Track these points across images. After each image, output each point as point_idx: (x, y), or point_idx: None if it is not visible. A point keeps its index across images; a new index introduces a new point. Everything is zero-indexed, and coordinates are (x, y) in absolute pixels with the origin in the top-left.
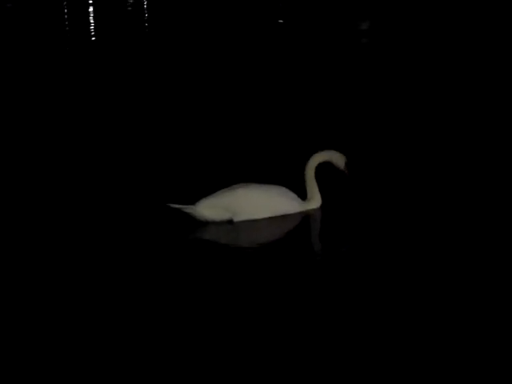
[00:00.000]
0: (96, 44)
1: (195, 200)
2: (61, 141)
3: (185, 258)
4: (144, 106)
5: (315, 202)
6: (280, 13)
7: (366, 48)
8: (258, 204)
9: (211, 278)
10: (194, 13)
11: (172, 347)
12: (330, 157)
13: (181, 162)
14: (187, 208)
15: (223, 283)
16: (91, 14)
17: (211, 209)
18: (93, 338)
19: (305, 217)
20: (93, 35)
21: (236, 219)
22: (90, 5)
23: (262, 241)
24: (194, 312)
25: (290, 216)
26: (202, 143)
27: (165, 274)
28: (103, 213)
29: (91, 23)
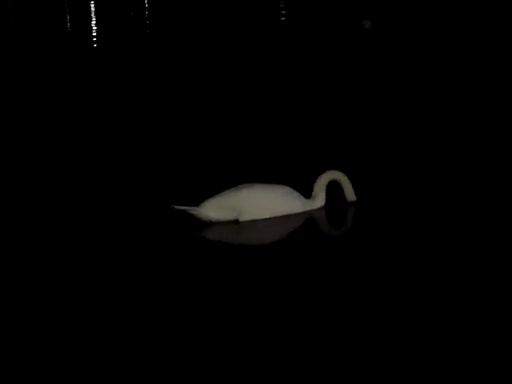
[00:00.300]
0: (98, 44)
1: (199, 201)
2: (64, 142)
3: (191, 259)
4: (148, 108)
5: (319, 201)
6: (282, 11)
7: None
8: (263, 204)
9: (218, 278)
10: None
11: (178, 346)
12: (340, 178)
13: (184, 164)
14: (192, 209)
15: (230, 283)
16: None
17: (216, 209)
18: (97, 339)
19: (309, 216)
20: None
21: (241, 219)
22: (92, 4)
23: (268, 240)
24: (201, 312)
25: (295, 215)
26: (205, 145)
27: (171, 275)
28: (108, 215)
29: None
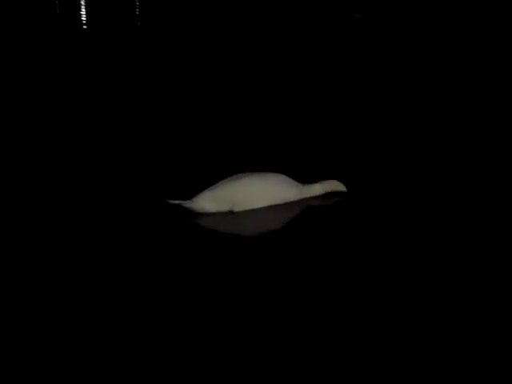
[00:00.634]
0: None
1: (193, 195)
2: (56, 136)
3: (188, 251)
4: (139, 102)
5: (317, 189)
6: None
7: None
8: (258, 193)
9: (215, 269)
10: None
11: (173, 337)
12: (333, 188)
13: (175, 158)
14: (187, 203)
15: (228, 273)
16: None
17: (211, 201)
18: (91, 332)
19: (307, 204)
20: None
21: (236, 210)
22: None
23: (264, 229)
24: (199, 303)
25: (292, 203)
26: (194, 137)
27: (169, 267)
28: (101, 212)
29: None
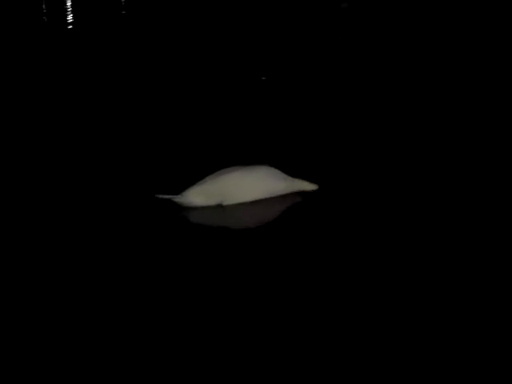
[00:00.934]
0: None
1: (182, 189)
2: (44, 132)
3: (177, 245)
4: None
5: (307, 183)
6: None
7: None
8: (247, 186)
9: (205, 263)
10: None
11: (163, 331)
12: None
13: (164, 153)
14: (176, 197)
15: (217, 267)
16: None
17: (200, 196)
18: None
19: (296, 196)
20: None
21: (225, 203)
22: None
23: (254, 223)
24: (191, 298)
25: (281, 196)
26: (182, 132)
27: (157, 261)
28: (90, 208)
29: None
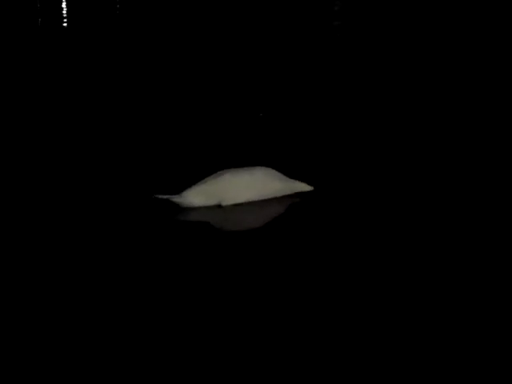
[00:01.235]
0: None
1: (181, 190)
2: (42, 132)
3: (175, 245)
4: (126, 98)
5: (305, 185)
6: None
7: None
8: (245, 187)
9: (203, 264)
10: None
11: (162, 332)
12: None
13: (162, 153)
14: (175, 197)
15: (215, 267)
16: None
17: (199, 196)
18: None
19: (295, 197)
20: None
21: (224, 204)
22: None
23: (252, 224)
24: (186, 298)
25: (280, 197)
26: (181, 133)
27: (156, 262)
28: (89, 208)
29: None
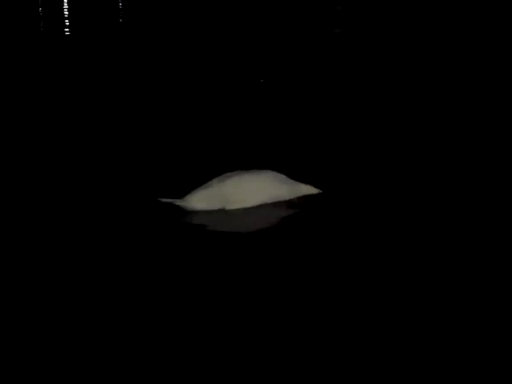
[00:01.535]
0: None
1: (185, 193)
2: (46, 136)
3: (179, 249)
4: (131, 102)
5: (310, 186)
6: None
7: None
8: (250, 191)
9: (207, 268)
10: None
11: (164, 335)
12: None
13: (166, 157)
14: (178, 201)
15: (220, 272)
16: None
17: (203, 200)
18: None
19: (299, 201)
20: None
21: (228, 208)
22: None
23: (257, 228)
24: (190, 302)
25: (284, 201)
26: (185, 136)
27: (159, 265)
28: (93, 211)
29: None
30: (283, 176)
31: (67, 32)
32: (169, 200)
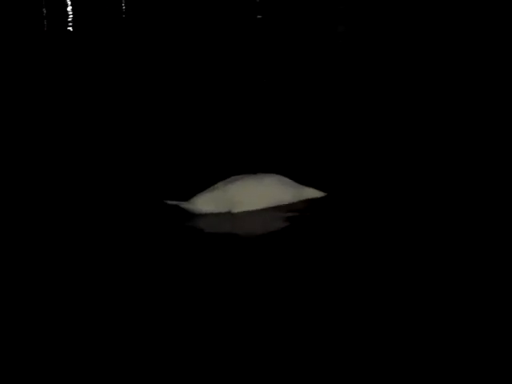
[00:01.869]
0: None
1: (191, 196)
2: (51, 137)
3: (185, 252)
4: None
5: (316, 190)
6: (258, 8)
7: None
8: (256, 194)
9: (213, 271)
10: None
11: (170, 338)
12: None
13: (173, 160)
14: (185, 204)
15: (225, 274)
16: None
17: (209, 202)
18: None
19: (305, 204)
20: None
21: (234, 211)
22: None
23: (263, 231)
24: (196, 305)
25: (290, 204)
26: (191, 139)
27: (165, 268)
28: (99, 213)
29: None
30: (288, 179)
31: (71, 31)
32: (175, 202)
